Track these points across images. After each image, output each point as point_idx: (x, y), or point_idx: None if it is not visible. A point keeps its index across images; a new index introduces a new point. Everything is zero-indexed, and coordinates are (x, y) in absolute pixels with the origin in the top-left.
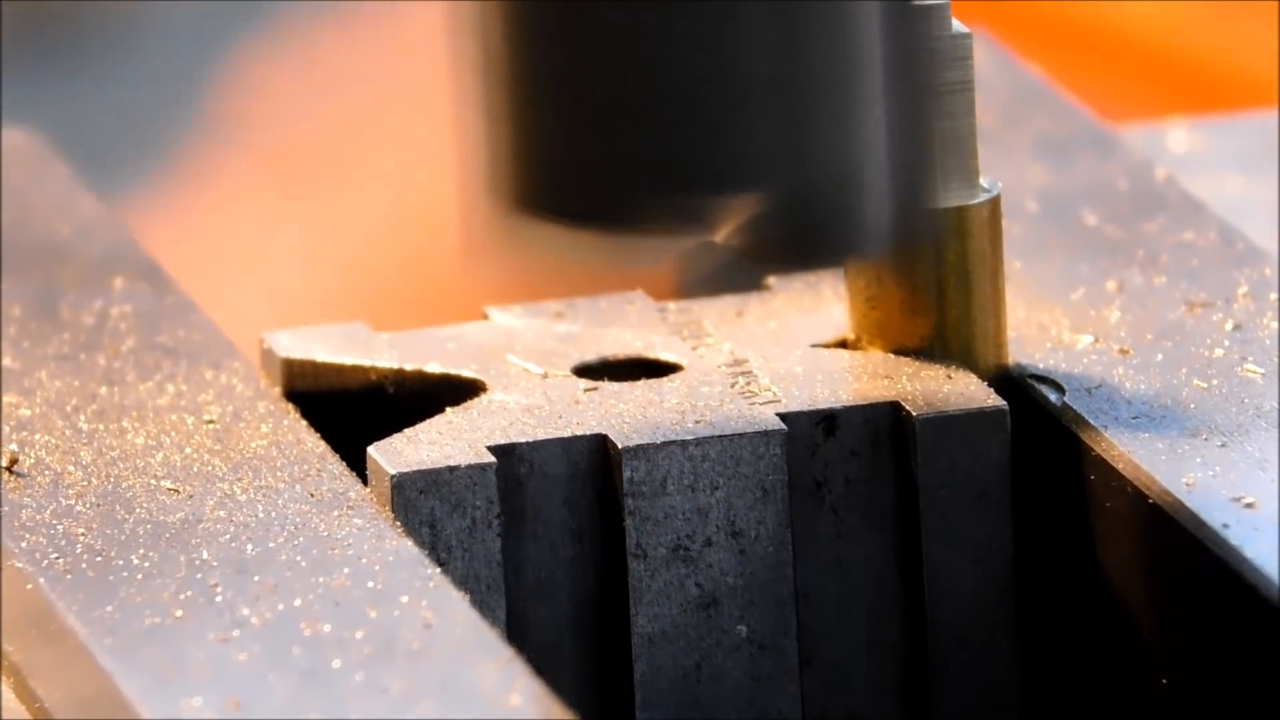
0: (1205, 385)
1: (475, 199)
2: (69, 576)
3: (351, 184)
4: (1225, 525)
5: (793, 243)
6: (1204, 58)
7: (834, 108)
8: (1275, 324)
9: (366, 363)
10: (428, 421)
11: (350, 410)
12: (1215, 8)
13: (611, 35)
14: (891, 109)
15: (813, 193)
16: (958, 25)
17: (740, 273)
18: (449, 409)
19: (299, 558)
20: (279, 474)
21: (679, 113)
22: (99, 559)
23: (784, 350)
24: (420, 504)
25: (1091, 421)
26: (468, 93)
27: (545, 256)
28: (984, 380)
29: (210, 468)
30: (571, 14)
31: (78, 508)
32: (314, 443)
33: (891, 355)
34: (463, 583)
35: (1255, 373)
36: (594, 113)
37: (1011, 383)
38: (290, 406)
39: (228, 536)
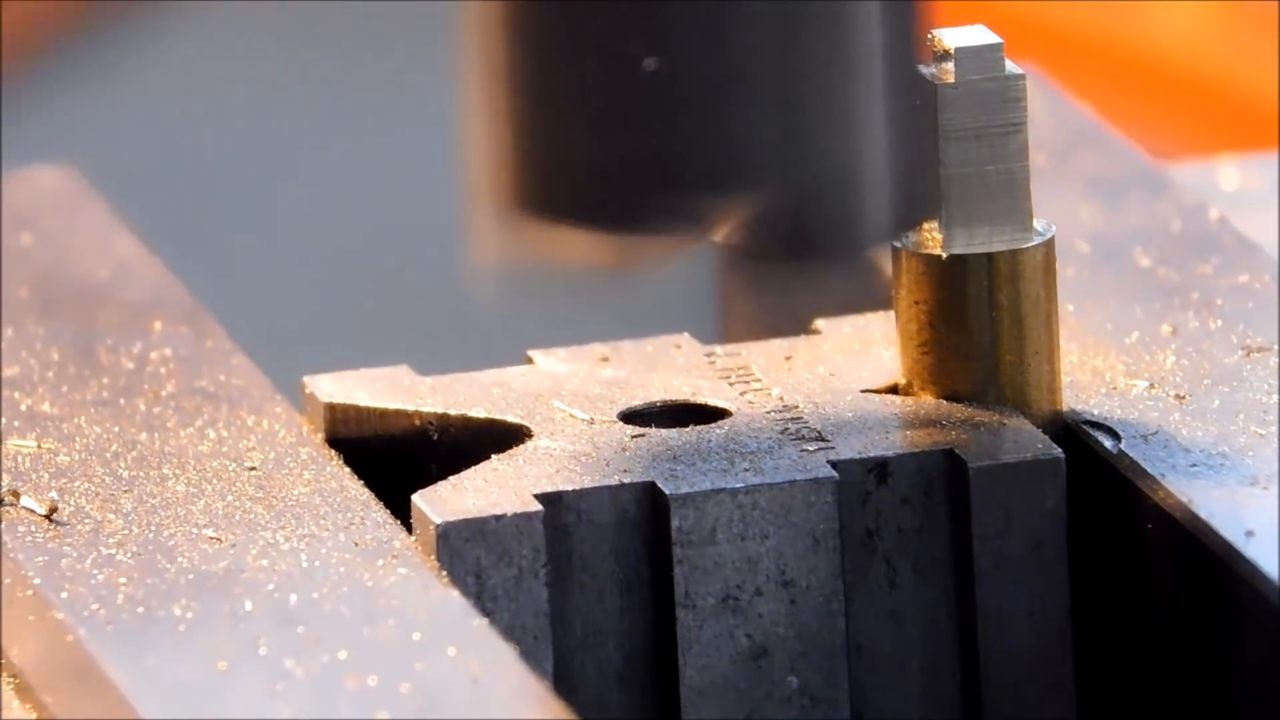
0: (1263, 432)
1: (477, 200)
2: (109, 627)
3: None
4: None
5: (792, 241)
6: (1254, 93)
7: (833, 107)
8: None
9: (410, 408)
10: (473, 469)
11: (393, 456)
12: (1264, 43)
13: (612, 36)
14: (891, 108)
15: (812, 192)
16: (1011, 66)
17: (777, 241)
18: (494, 455)
19: (343, 608)
20: (322, 522)
21: (679, 113)
22: (140, 609)
23: (834, 396)
24: (466, 553)
25: (1148, 469)
26: (470, 94)
27: (547, 257)
28: (1038, 426)
29: (253, 516)
30: (572, 15)
31: (118, 557)
32: (357, 490)
33: (944, 401)
34: (509, 633)
35: None
36: (595, 113)
37: (1066, 429)
38: (333, 453)
39: (271, 586)
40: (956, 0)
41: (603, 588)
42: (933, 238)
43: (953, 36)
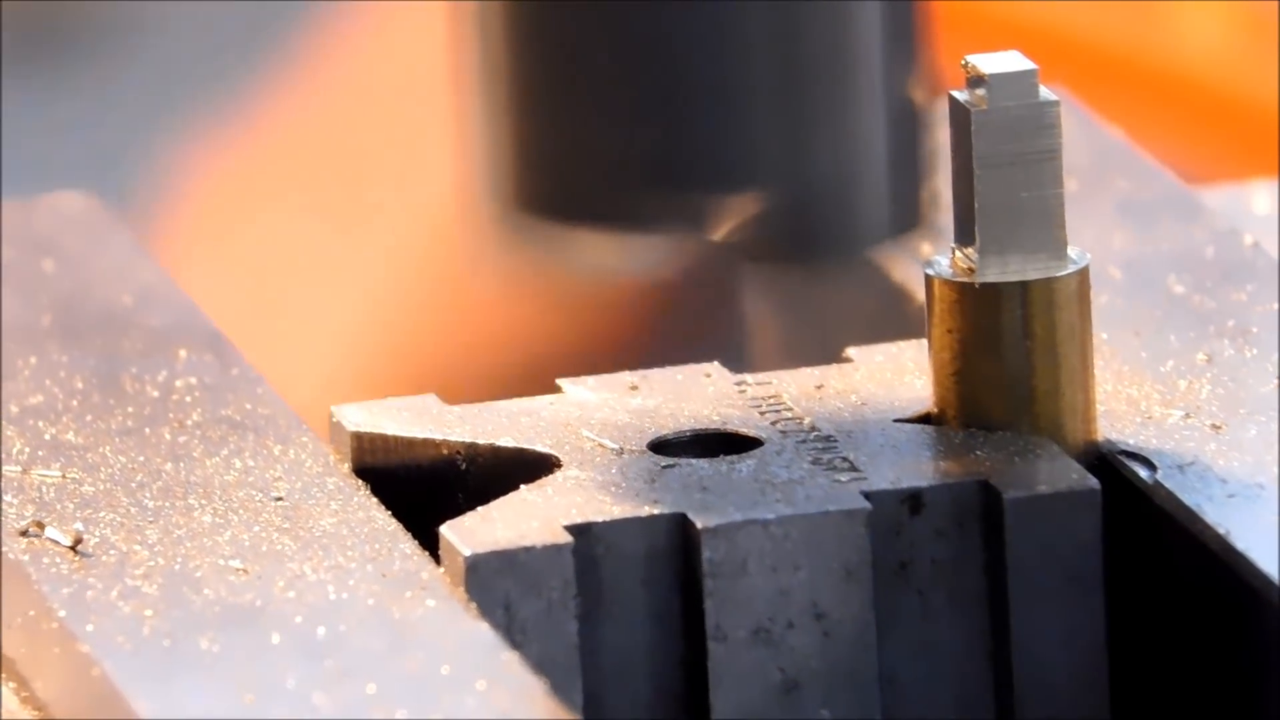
0: None
1: (477, 200)
2: (135, 660)
3: None
4: None
5: (791, 241)
6: None
7: (832, 106)
8: None
9: (438, 437)
10: (501, 499)
11: (421, 485)
12: None
13: (611, 35)
14: (890, 107)
15: (811, 191)
16: (1045, 92)
17: (775, 231)
18: (523, 486)
19: (371, 641)
20: (349, 553)
21: (678, 112)
22: (166, 642)
23: (866, 425)
24: (495, 585)
25: (1184, 500)
26: (469, 93)
27: (547, 258)
28: (1073, 456)
29: (279, 547)
30: (571, 13)
31: (144, 589)
32: (385, 520)
33: (978, 431)
34: (539, 666)
35: None
36: (594, 112)
37: (1101, 459)
38: (360, 483)
39: (298, 619)
40: (957, 1)
41: (633, 620)
42: (966, 265)
43: (986, 62)
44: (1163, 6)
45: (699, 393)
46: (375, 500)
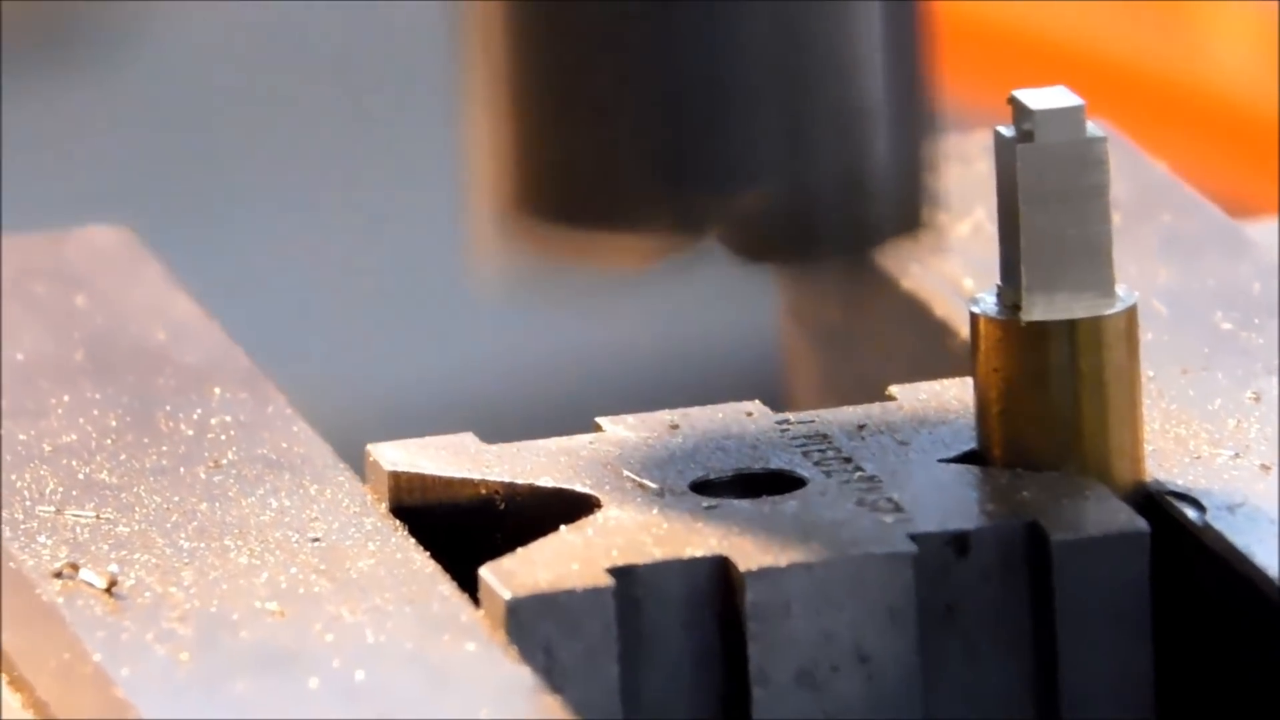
0: None
1: (477, 201)
2: (171, 705)
3: None
4: None
5: (792, 242)
6: None
7: (834, 107)
8: None
9: (476, 476)
10: (541, 540)
11: (459, 526)
12: None
13: (611, 35)
14: (892, 107)
15: (813, 192)
16: (1092, 128)
17: (782, 230)
18: (563, 527)
19: (410, 684)
20: (387, 595)
21: (679, 112)
22: (202, 686)
23: (911, 466)
24: (536, 628)
25: (1234, 542)
26: (468, 93)
27: (547, 259)
28: (1121, 497)
29: (317, 589)
30: (571, 14)
31: (180, 631)
32: (423, 562)
33: (1024, 471)
34: (579, 710)
35: None
36: (594, 113)
37: (1149, 499)
38: (398, 523)
39: (336, 662)
40: (959, 0)
41: (675, 663)
42: (1012, 303)
43: (1032, 98)
44: (1196, 29)
45: (740, 432)
46: (413, 541)
